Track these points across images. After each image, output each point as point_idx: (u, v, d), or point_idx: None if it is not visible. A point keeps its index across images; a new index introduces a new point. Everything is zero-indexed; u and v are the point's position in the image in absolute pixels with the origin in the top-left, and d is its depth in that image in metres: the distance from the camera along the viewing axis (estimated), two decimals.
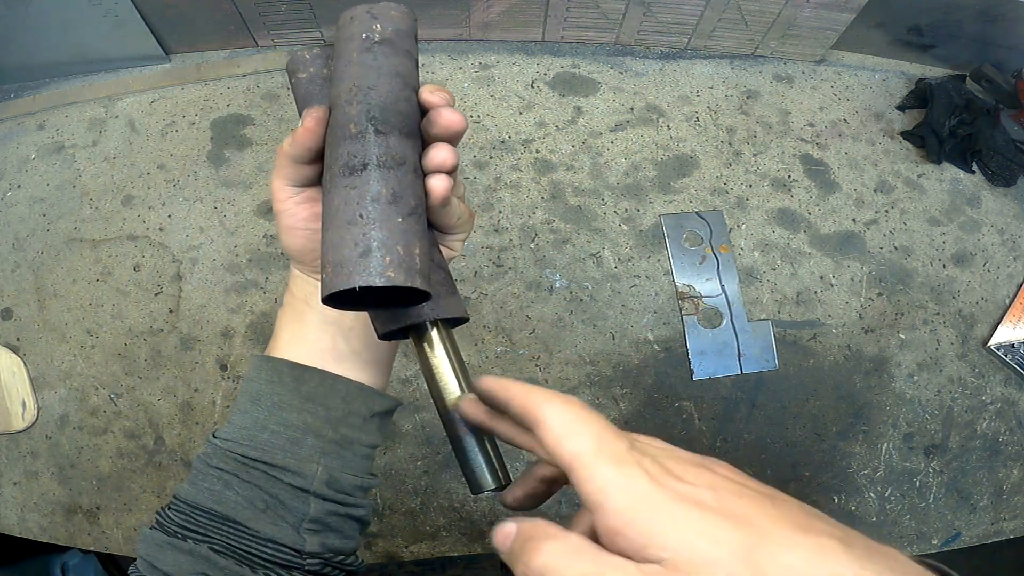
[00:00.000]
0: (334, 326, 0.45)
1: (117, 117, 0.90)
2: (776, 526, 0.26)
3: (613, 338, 0.82)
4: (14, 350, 0.81)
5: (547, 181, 0.87)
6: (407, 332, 0.40)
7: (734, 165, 0.89)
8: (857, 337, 0.83)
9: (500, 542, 0.30)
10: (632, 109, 0.92)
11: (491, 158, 0.88)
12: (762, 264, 0.85)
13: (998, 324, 0.84)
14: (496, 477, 0.38)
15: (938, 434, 0.82)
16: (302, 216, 0.42)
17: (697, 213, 0.87)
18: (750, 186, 0.88)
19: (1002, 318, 0.85)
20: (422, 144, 0.38)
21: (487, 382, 0.36)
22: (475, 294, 0.82)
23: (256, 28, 0.89)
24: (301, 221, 0.42)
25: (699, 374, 0.81)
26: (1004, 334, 0.84)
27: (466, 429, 0.38)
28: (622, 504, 0.26)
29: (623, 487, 0.27)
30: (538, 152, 0.89)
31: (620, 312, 0.83)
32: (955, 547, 0.80)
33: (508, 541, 0.29)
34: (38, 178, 0.87)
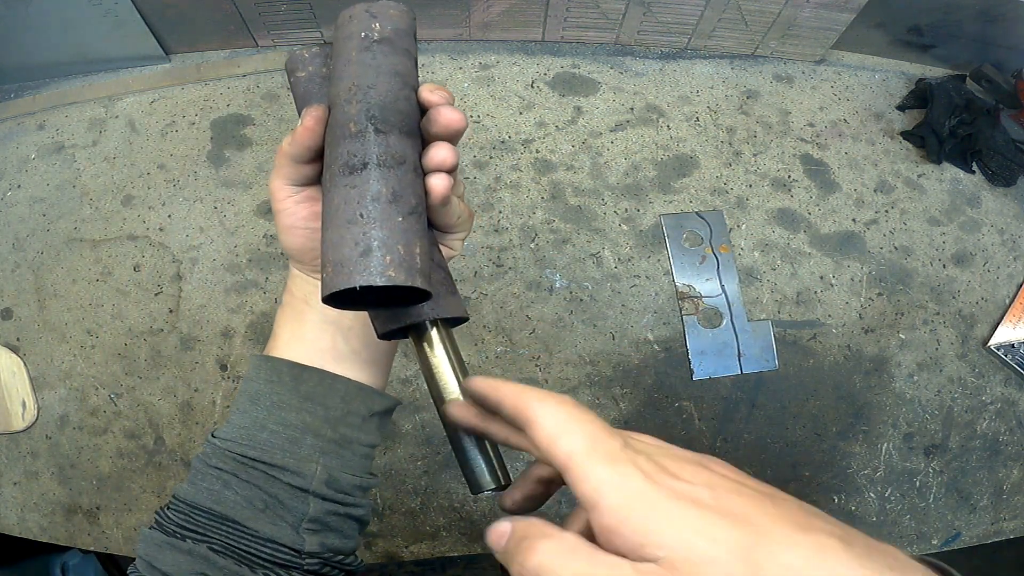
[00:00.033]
0: (333, 325, 0.45)
1: (117, 117, 0.90)
2: (775, 524, 0.25)
3: (613, 338, 0.82)
4: (14, 350, 0.81)
5: (547, 181, 0.87)
6: (407, 332, 0.40)
7: (734, 165, 0.89)
8: (857, 337, 0.83)
9: (494, 541, 0.30)
10: (632, 109, 0.92)
11: (491, 158, 0.88)
12: (762, 264, 0.85)
13: (998, 324, 0.84)
14: (496, 477, 0.38)
15: (938, 434, 0.82)
16: (301, 215, 0.42)
17: (697, 213, 0.87)
18: (750, 186, 0.88)
19: (1002, 318, 0.85)
20: (422, 143, 0.38)
21: (477, 383, 0.35)
22: (475, 294, 0.82)
23: (256, 28, 0.89)
24: (301, 220, 0.42)
25: (699, 374, 0.81)
26: (1004, 334, 0.84)
27: (466, 428, 0.38)
28: (617, 502, 0.26)
29: (618, 485, 0.27)
30: (538, 152, 0.89)
31: (620, 312, 0.83)
32: (955, 547, 0.80)
33: (503, 540, 0.29)
34: (38, 178, 0.87)
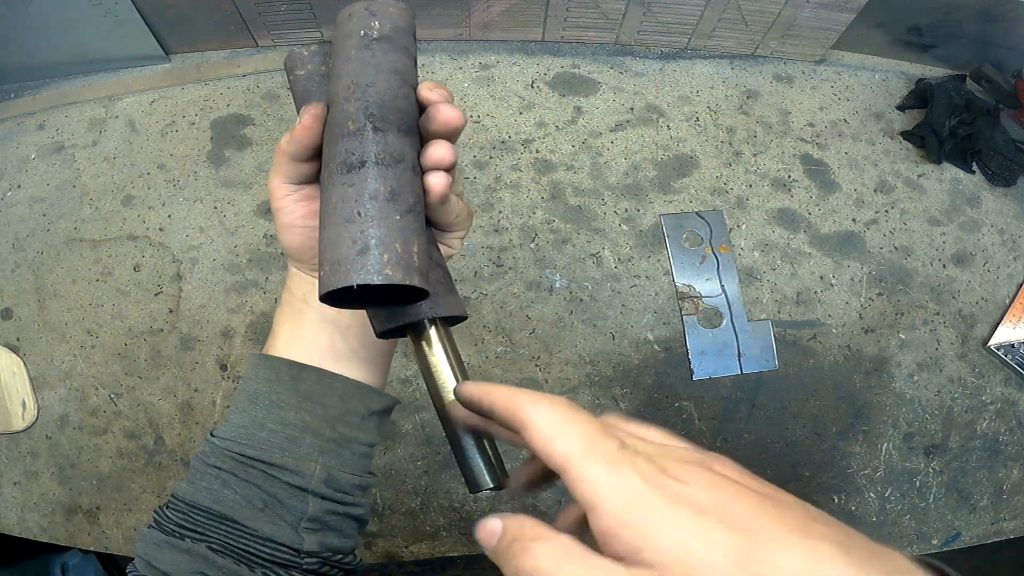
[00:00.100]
0: (332, 324, 0.45)
1: (117, 117, 0.90)
2: (774, 529, 0.25)
3: (613, 338, 0.82)
4: (14, 350, 0.81)
5: (547, 181, 0.87)
6: (405, 330, 0.40)
7: (734, 165, 0.89)
8: (857, 337, 0.83)
9: (484, 539, 0.29)
10: (632, 109, 0.92)
11: (491, 158, 0.88)
12: (762, 264, 0.85)
13: (998, 324, 0.84)
14: (495, 476, 0.38)
15: (938, 434, 0.82)
16: (300, 214, 0.42)
17: (697, 213, 0.87)
18: (750, 186, 0.88)
19: (1002, 318, 0.85)
20: (420, 141, 0.38)
21: (468, 389, 0.35)
22: (475, 294, 0.82)
23: (256, 28, 0.89)
24: (299, 219, 0.42)
25: (699, 374, 0.81)
26: (1004, 334, 0.84)
27: (464, 428, 0.38)
28: (615, 505, 0.26)
29: (616, 488, 0.26)
30: (538, 152, 0.89)
31: (620, 312, 0.83)
32: (955, 547, 0.80)
33: (493, 540, 0.29)
34: (38, 178, 0.87)
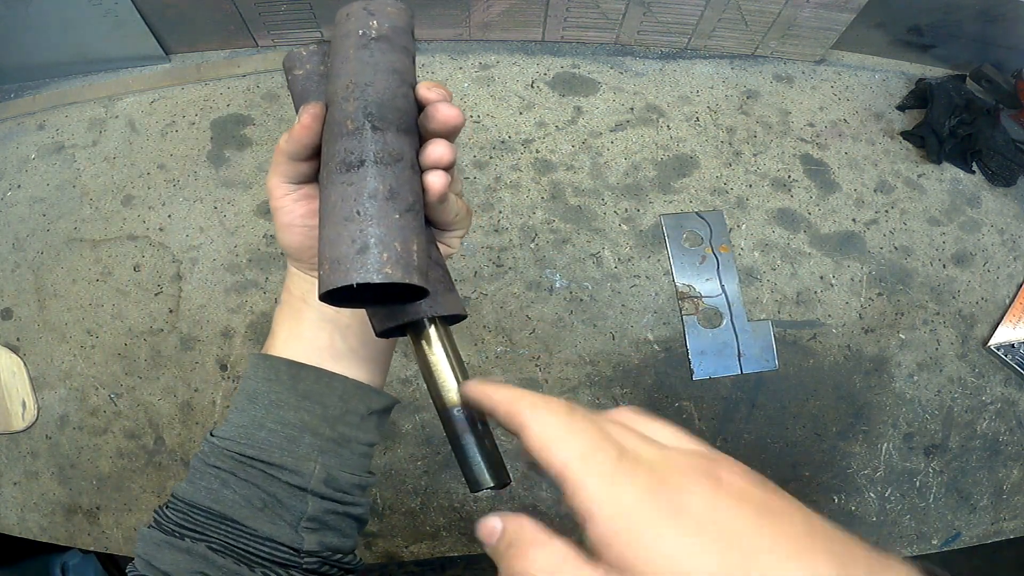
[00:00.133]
0: (331, 324, 0.45)
1: (117, 117, 0.90)
2: (770, 544, 0.25)
3: (613, 338, 0.82)
4: (14, 350, 0.81)
5: (547, 181, 0.87)
6: (405, 329, 0.40)
7: (734, 165, 0.89)
8: (857, 337, 0.83)
9: (485, 537, 0.29)
10: (632, 109, 0.92)
11: (491, 158, 0.88)
12: (762, 264, 0.85)
13: (998, 324, 0.84)
14: (495, 475, 0.37)
15: (938, 434, 0.82)
16: (299, 213, 0.42)
17: (697, 213, 0.87)
18: (750, 186, 0.88)
19: (1002, 318, 0.85)
20: (419, 140, 0.38)
21: (470, 390, 0.35)
22: (475, 294, 0.82)
23: (256, 28, 0.89)
24: (298, 218, 0.42)
25: (699, 374, 0.81)
26: (1004, 334, 0.84)
27: (464, 427, 0.37)
28: (609, 516, 0.26)
29: (612, 499, 0.26)
30: (538, 152, 0.89)
31: (620, 312, 0.83)
32: (955, 547, 0.80)
33: (492, 538, 0.29)
34: (38, 178, 0.87)
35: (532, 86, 0.92)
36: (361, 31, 0.37)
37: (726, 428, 0.80)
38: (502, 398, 0.32)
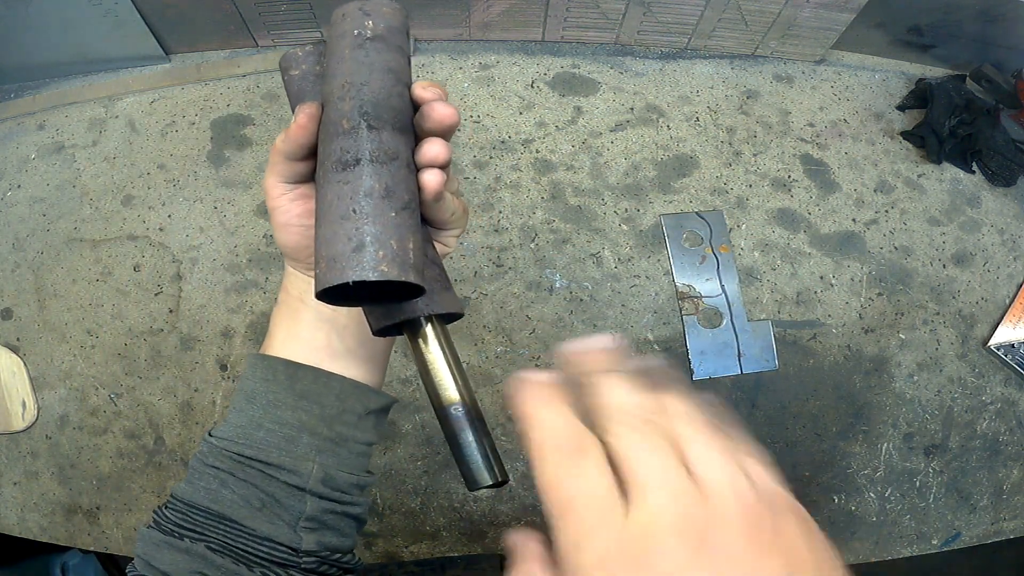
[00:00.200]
0: (329, 323, 0.45)
1: (117, 117, 0.90)
2: None
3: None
4: (14, 350, 0.81)
5: (547, 181, 0.87)
6: (401, 328, 0.40)
7: (734, 165, 0.89)
8: (857, 337, 0.83)
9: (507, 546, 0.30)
10: (632, 109, 0.91)
11: (491, 158, 0.88)
12: (762, 264, 0.85)
13: (998, 324, 0.84)
14: (492, 473, 0.37)
15: (938, 434, 0.81)
16: (296, 213, 0.42)
17: (697, 213, 0.87)
18: (750, 186, 0.88)
19: (1002, 318, 0.85)
20: (415, 140, 0.38)
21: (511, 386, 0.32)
22: (475, 294, 0.82)
23: (256, 28, 0.89)
24: (295, 218, 0.42)
25: (699, 374, 0.81)
26: (1004, 334, 0.84)
27: (462, 425, 0.38)
28: (574, 567, 0.25)
29: (582, 549, 0.25)
30: (538, 152, 0.89)
31: (620, 312, 0.83)
32: (955, 547, 0.80)
33: (508, 548, 0.29)
34: (38, 178, 0.87)
35: (532, 86, 0.92)
36: (356, 31, 0.37)
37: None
38: (517, 403, 0.30)
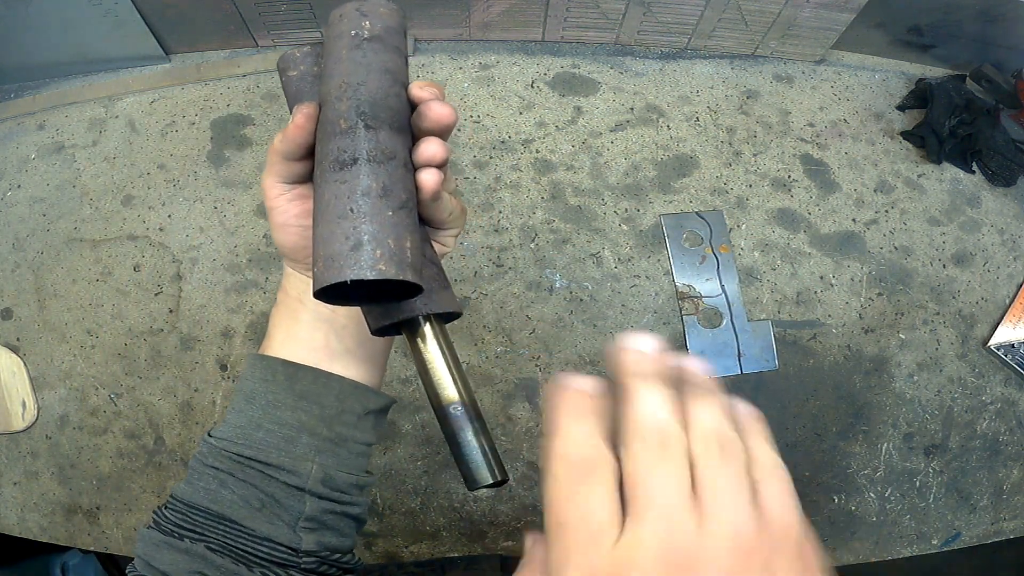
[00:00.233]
0: (327, 324, 0.45)
1: (117, 117, 0.90)
2: None
3: (613, 338, 0.81)
4: (14, 350, 0.81)
5: (547, 181, 0.87)
6: (400, 327, 0.40)
7: (734, 165, 0.89)
8: (857, 337, 0.83)
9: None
10: (632, 109, 0.91)
11: (491, 158, 0.88)
12: (762, 264, 0.85)
13: (998, 324, 0.84)
14: (492, 472, 0.37)
15: (938, 434, 0.81)
16: (293, 213, 0.42)
17: (697, 213, 0.87)
18: (750, 186, 0.88)
19: (1002, 318, 0.84)
20: (412, 139, 0.38)
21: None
22: (475, 294, 0.82)
23: (256, 28, 0.89)
24: (293, 218, 0.42)
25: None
26: (1004, 334, 0.84)
27: (461, 424, 0.38)
28: None
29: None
30: (538, 152, 0.89)
31: (620, 312, 0.82)
32: (955, 547, 0.80)
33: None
34: (38, 178, 0.87)
35: (532, 86, 0.92)
36: (354, 32, 0.37)
37: None
38: (551, 406, 0.29)
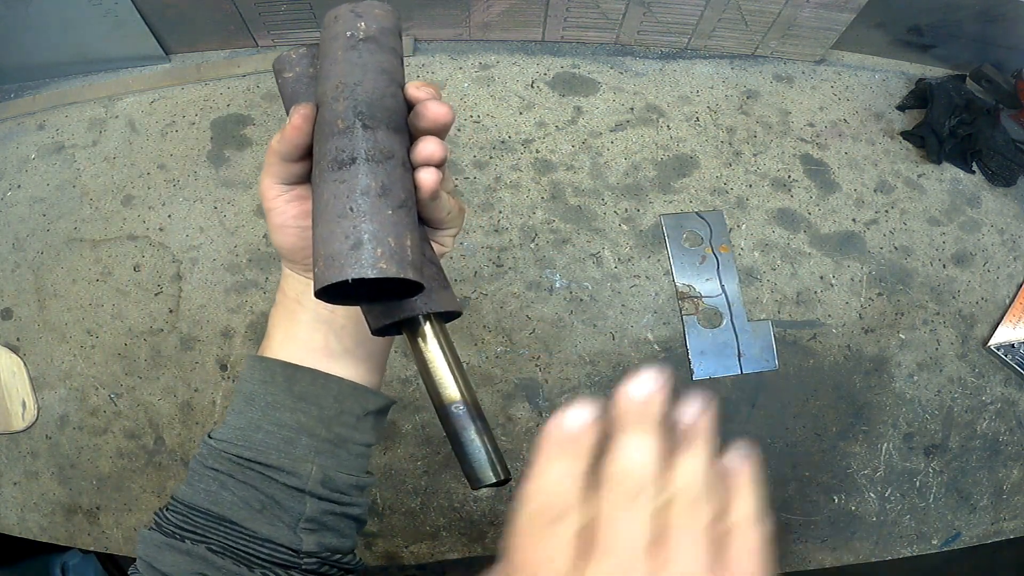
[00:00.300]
0: (326, 324, 0.45)
1: (117, 117, 0.90)
2: None
3: (613, 338, 0.82)
4: (14, 350, 0.81)
5: (547, 181, 0.87)
6: (400, 327, 0.40)
7: (734, 165, 0.89)
8: (857, 337, 0.83)
9: None
10: (632, 109, 0.91)
11: (491, 158, 0.88)
12: (762, 264, 0.85)
13: (998, 324, 0.84)
14: (496, 471, 0.37)
15: (938, 434, 0.82)
16: (292, 214, 0.42)
17: (697, 213, 0.87)
18: (750, 186, 0.88)
19: (1002, 318, 0.85)
20: (410, 139, 0.38)
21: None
22: (475, 294, 0.82)
23: (256, 28, 0.89)
24: (291, 219, 0.42)
25: (699, 374, 0.81)
26: (1004, 334, 0.84)
27: (463, 423, 0.37)
28: None
29: None
30: (538, 152, 0.89)
31: (620, 312, 0.83)
32: (955, 547, 0.80)
33: None
34: (38, 178, 0.87)
35: (532, 86, 0.92)
36: (349, 33, 0.37)
37: (726, 428, 0.80)
38: (540, 445, 0.31)
